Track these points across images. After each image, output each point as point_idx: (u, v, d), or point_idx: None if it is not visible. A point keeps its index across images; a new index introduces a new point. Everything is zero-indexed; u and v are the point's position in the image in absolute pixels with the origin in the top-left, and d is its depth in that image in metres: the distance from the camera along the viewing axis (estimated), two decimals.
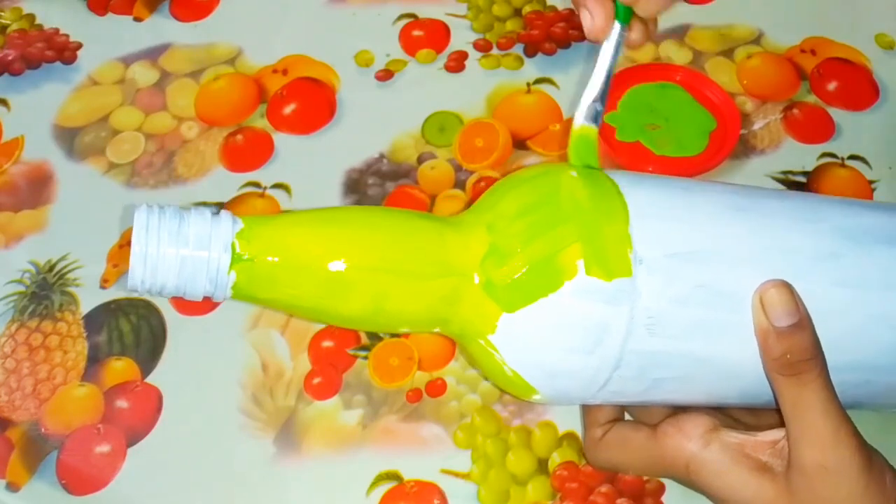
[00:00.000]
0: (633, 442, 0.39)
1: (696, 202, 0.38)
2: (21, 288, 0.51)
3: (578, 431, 0.46)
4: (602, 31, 0.40)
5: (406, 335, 0.48)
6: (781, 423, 0.37)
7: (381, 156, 0.55)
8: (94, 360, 0.48)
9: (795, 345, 0.35)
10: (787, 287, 0.35)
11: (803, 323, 0.35)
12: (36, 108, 0.58)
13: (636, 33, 0.42)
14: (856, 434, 0.36)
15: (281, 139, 0.56)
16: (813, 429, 0.35)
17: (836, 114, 0.56)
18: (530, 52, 0.59)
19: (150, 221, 0.34)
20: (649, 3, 0.40)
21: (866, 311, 0.37)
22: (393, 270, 0.35)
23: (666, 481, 0.44)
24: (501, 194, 0.38)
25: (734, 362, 0.36)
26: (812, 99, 0.57)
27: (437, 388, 0.47)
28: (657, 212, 0.36)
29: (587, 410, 0.42)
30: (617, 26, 0.40)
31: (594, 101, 0.40)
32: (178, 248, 0.34)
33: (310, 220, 0.37)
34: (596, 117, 0.40)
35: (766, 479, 0.36)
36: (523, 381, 0.37)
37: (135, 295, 0.50)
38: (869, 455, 0.36)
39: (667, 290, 0.35)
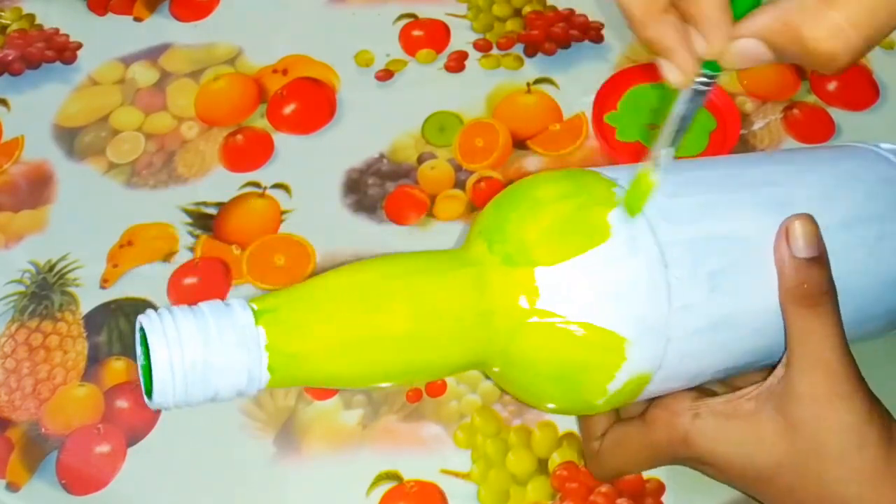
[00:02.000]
0: (628, 439, 0.40)
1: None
2: (21, 288, 0.51)
3: (578, 431, 0.46)
4: (690, 81, 0.35)
5: None
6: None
7: (381, 156, 0.55)
8: (94, 359, 0.48)
9: (813, 277, 0.36)
10: (812, 221, 0.36)
11: (822, 258, 0.36)
12: (36, 108, 0.58)
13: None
14: (859, 371, 0.36)
15: (281, 139, 0.56)
16: (824, 358, 0.35)
17: (836, 114, 0.56)
18: (530, 52, 0.59)
19: (169, 339, 0.31)
20: (735, 58, 0.34)
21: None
22: (421, 332, 0.34)
23: (666, 481, 0.44)
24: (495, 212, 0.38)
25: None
26: (812, 99, 0.57)
27: (437, 388, 0.47)
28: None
29: (583, 425, 0.42)
30: (703, 73, 0.35)
31: (666, 151, 0.36)
32: (207, 360, 0.31)
33: (324, 293, 0.34)
34: (659, 162, 0.36)
35: (762, 423, 0.36)
36: (599, 329, 0.35)
37: (135, 295, 0.50)
38: (869, 390, 0.36)
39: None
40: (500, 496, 0.44)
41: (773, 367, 0.38)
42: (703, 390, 0.39)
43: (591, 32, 0.60)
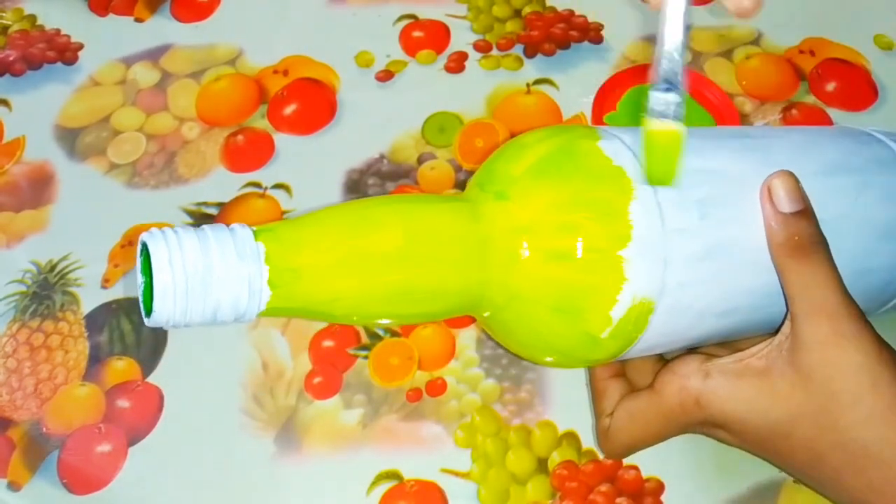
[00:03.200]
0: (639, 411, 0.39)
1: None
2: (22, 288, 0.51)
3: (578, 431, 0.46)
4: None
5: (407, 330, 0.48)
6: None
7: (382, 156, 0.55)
8: (96, 359, 0.49)
9: (802, 228, 0.36)
10: (792, 176, 0.37)
11: (808, 210, 0.36)
12: (37, 109, 0.58)
13: None
14: (864, 314, 0.36)
15: (281, 139, 0.56)
16: (826, 302, 0.35)
17: (835, 114, 0.56)
18: (530, 52, 0.59)
19: (171, 248, 0.32)
20: None
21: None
22: (415, 251, 0.35)
23: (666, 481, 0.44)
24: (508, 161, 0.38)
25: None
26: (811, 99, 0.57)
27: (437, 387, 0.47)
28: None
29: (595, 403, 0.42)
30: None
31: (675, 59, 0.35)
32: (208, 266, 0.32)
33: (322, 216, 0.35)
34: (673, 78, 0.36)
35: (774, 378, 0.36)
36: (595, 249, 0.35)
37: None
38: (875, 331, 0.36)
39: None
40: (500, 495, 0.44)
41: (775, 331, 0.37)
42: (710, 354, 0.39)
43: (591, 33, 0.60)
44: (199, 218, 0.53)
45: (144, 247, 0.33)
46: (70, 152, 0.56)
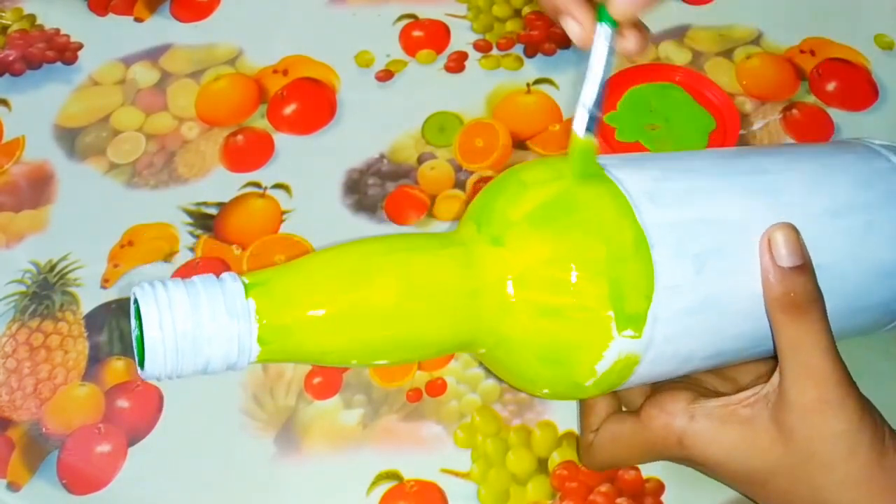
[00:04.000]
0: (623, 435, 0.40)
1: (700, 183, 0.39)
2: (22, 288, 0.51)
3: (578, 431, 0.46)
4: (590, 36, 0.38)
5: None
6: (752, 384, 0.38)
7: (382, 156, 0.55)
8: (95, 359, 0.48)
9: (799, 285, 0.36)
10: (794, 230, 0.36)
11: (806, 266, 0.36)
12: (37, 109, 0.58)
13: (630, 41, 0.39)
14: (850, 376, 0.36)
15: (281, 139, 0.56)
16: (814, 366, 0.36)
17: (836, 114, 0.56)
18: (530, 52, 0.59)
19: (161, 307, 0.32)
20: (620, 4, 0.37)
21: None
22: (409, 305, 0.35)
23: (666, 481, 0.44)
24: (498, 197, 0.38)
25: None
26: (811, 99, 0.57)
27: (437, 387, 0.47)
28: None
29: (582, 416, 0.42)
30: (603, 29, 0.37)
31: (590, 109, 0.37)
32: (198, 326, 0.32)
33: (314, 267, 0.35)
34: (592, 125, 0.38)
35: (757, 431, 0.37)
36: (585, 306, 0.35)
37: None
38: (861, 395, 0.36)
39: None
40: (500, 495, 0.44)
41: (765, 356, 0.38)
42: (699, 391, 0.39)
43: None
44: (199, 217, 0.53)
45: (136, 300, 0.33)
46: (69, 152, 0.56)
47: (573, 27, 0.38)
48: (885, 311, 0.42)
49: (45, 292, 0.51)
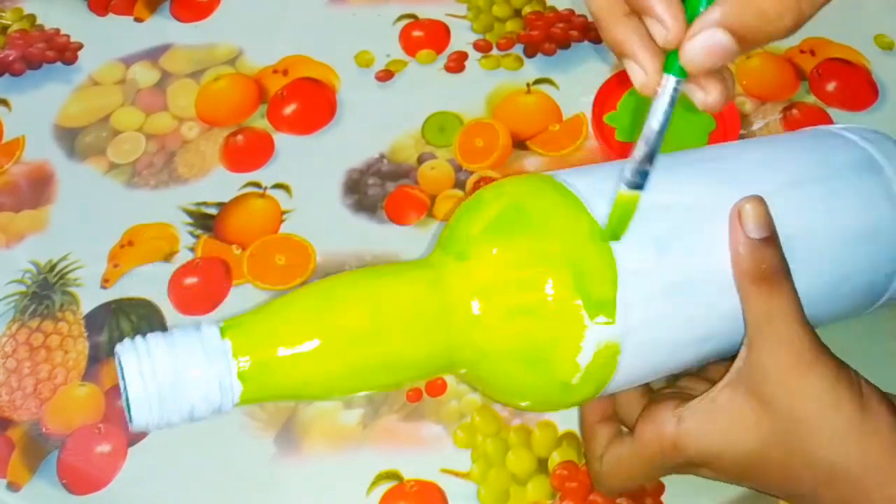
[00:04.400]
0: (625, 458, 0.40)
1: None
2: (22, 288, 0.51)
3: (578, 431, 0.46)
4: (655, 85, 0.34)
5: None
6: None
7: (382, 156, 0.55)
8: (95, 359, 0.48)
9: (769, 257, 0.36)
10: (762, 202, 0.37)
11: (773, 237, 0.37)
12: (37, 109, 0.58)
13: (712, 94, 0.34)
14: (820, 339, 0.37)
15: (281, 139, 0.56)
16: (786, 333, 0.36)
17: (836, 114, 0.56)
18: (530, 52, 0.59)
19: (140, 358, 0.33)
20: (693, 53, 0.32)
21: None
22: (382, 329, 0.36)
23: (666, 481, 0.44)
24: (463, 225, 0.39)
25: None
26: (811, 99, 0.57)
27: (437, 387, 0.47)
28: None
29: (585, 445, 0.42)
30: (669, 80, 0.33)
31: (641, 163, 0.34)
32: (181, 403, 0.33)
33: (286, 302, 0.36)
34: (641, 181, 0.35)
35: (739, 409, 0.37)
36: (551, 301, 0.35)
37: (135, 295, 0.50)
38: (832, 354, 0.37)
39: None
40: (500, 495, 0.44)
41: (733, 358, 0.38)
42: (684, 396, 0.39)
43: (591, 33, 0.60)
44: (199, 217, 0.53)
45: (119, 363, 0.34)
46: (69, 152, 0.56)
47: (637, 73, 0.34)
48: (869, 283, 0.42)
49: (45, 292, 0.51)
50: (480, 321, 0.36)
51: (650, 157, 0.34)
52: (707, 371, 0.42)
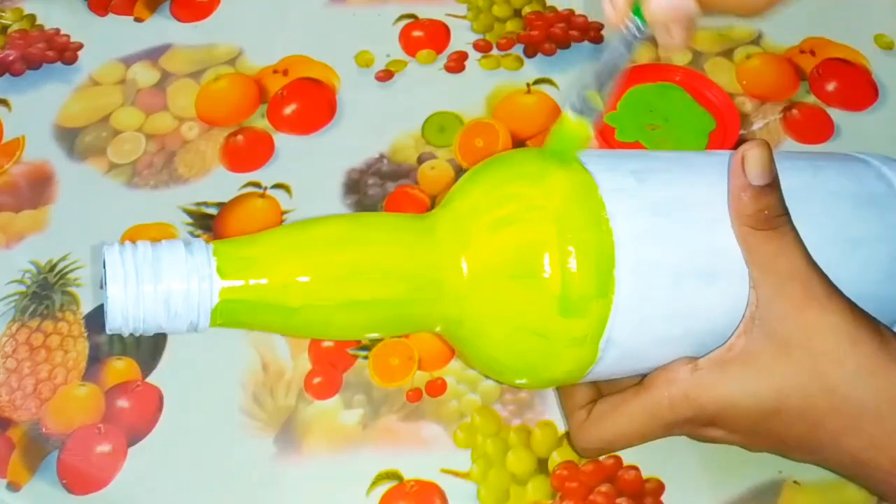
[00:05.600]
0: (624, 404, 0.38)
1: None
2: (22, 288, 0.51)
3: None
4: (619, 22, 0.39)
5: (406, 335, 0.48)
6: None
7: (382, 156, 0.55)
8: (95, 359, 0.48)
9: (771, 202, 0.36)
10: (767, 147, 0.36)
11: (776, 183, 0.36)
12: (37, 109, 0.58)
13: (676, 38, 0.39)
14: (830, 280, 0.36)
15: (281, 139, 0.56)
16: (796, 269, 0.36)
17: (836, 114, 0.56)
18: (530, 52, 0.59)
19: (124, 260, 0.34)
20: (656, 5, 0.38)
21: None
22: (362, 236, 0.37)
23: (665, 480, 0.44)
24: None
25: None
26: (811, 99, 0.57)
27: (437, 387, 0.47)
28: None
29: (565, 398, 0.41)
30: (632, 21, 0.38)
31: (586, 87, 0.38)
32: (158, 284, 0.34)
33: (282, 236, 0.37)
34: (583, 107, 0.38)
35: (755, 354, 0.36)
36: (540, 153, 0.38)
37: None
38: (845, 296, 0.36)
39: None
40: (500, 495, 0.44)
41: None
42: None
43: (591, 33, 0.60)
44: (199, 218, 0.53)
45: (104, 259, 0.34)
46: (70, 152, 0.56)
47: (608, 8, 0.39)
48: (890, 257, 0.40)
49: (45, 292, 0.51)
50: (467, 240, 0.37)
51: (600, 86, 0.37)
52: None
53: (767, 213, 0.36)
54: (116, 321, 0.34)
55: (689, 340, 0.38)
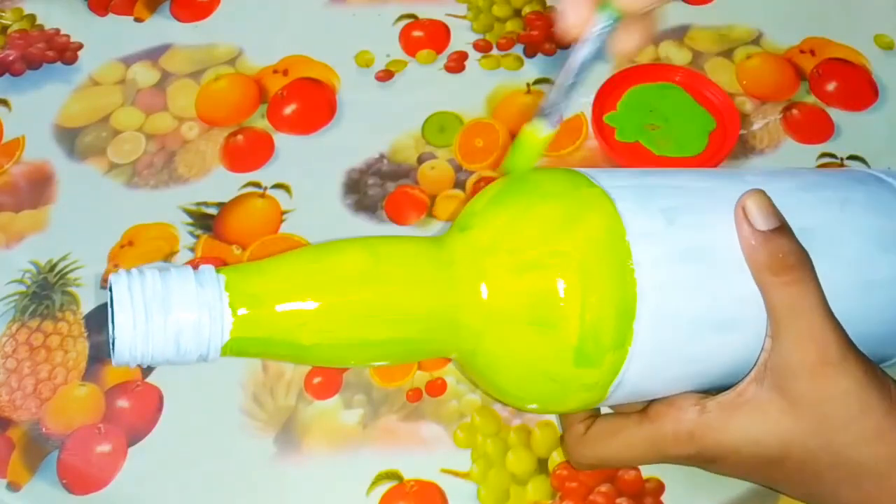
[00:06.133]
0: (626, 430, 0.38)
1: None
2: (22, 288, 0.51)
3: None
4: (584, 23, 0.36)
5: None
6: None
7: (382, 156, 0.55)
8: (95, 359, 0.48)
9: (783, 245, 0.35)
10: (763, 194, 0.36)
11: (785, 227, 0.36)
12: (37, 109, 0.58)
13: (633, 41, 0.37)
14: (847, 335, 0.36)
15: (281, 139, 0.56)
16: (812, 327, 0.35)
17: (836, 114, 0.56)
18: (530, 52, 0.59)
19: (132, 294, 0.32)
20: None
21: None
22: (379, 272, 0.35)
23: (666, 480, 0.44)
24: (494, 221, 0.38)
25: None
26: (811, 99, 0.57)
27: (437, 387, 0.47)
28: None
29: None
30: (602, 19, 0.36)
31: (555, 103, 0.36)
32: (168, 320, 0.32)
33: (296, 268, 0.35)
34: (551, 116, 0.37)
35: (764, 405, 0.36)
36: (568, 186, 0.36)
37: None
38: (860, 352, 0.36)
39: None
40: (500, 495, 0.44)
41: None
42: (700, 393, 0.39)
43: None
44: (199, 217, 0.53)
45: (110, 289, 0.33)
46: (70, 152, 0.56)
47: (569, 13, 0.36)
48: None
49: (45, 292, 0.51)
50: (485, 280, 0.35)
51: (564, 98, 0.36)
52: None
53: (782, 257, 0.35)
54: (124, 357, 0.33)
55: (698, 381, 0.38)
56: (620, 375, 0.36)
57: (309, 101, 0.57)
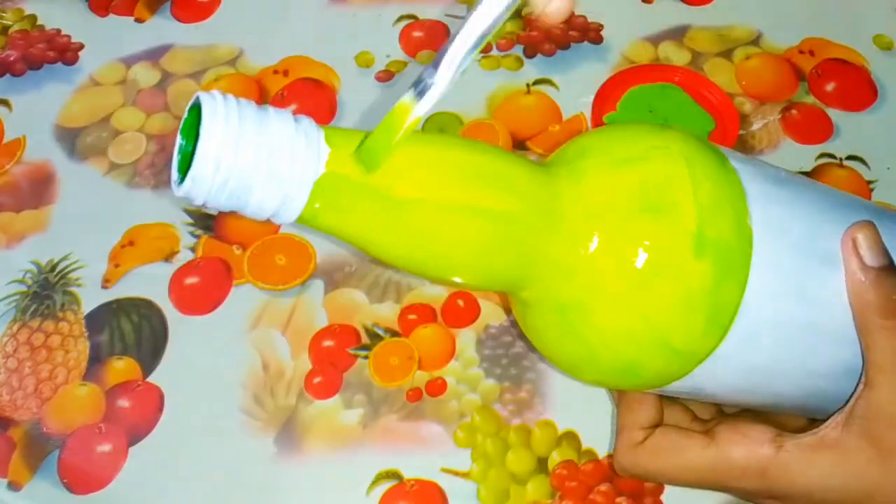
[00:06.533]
0: (688, 450, 0.36)
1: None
2: (23, 288, 0.51)
3: (578, 430, 0.46)
4: None
5: (408, 330, 0.48)
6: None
7: None
8: (96, 359, 0.49)
9: (894, 286, 0.33)
10: (874, 227, 0.34)
11: (893, 265, 0.33)
12: (38, 109, 0.58)
13: (554, 3, 0.33)
14: None
15: None
16: None
17: (835, 114, 0.56)
18: (530, 53, 0.59)
19: (227, 101, 0.28)
20: None
21: None
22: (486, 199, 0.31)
23: None
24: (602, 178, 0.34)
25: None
26: (810, 99, 0.57)
27: (437, 387, 0.47)
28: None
29: (626, 410, 0.37)
30: None
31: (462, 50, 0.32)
32: (263, 132, 0.28)
33: (404, 140, 0.32)
34: (423, 88, 0.33)
35: (850, 452, 0.34)
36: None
37: (136, 295, 0.50)
38: None
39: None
40: (500, 495, 0.44)
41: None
42: (782, 425, 0.36)
43: (591, 33, 0.60)
44: (200, 218, 0.53)
45: (194, 106, 0.29)
46: (70, 152, 0.56)
47: None
48: None
49: (46, 292, 0.51)
50: (584, 179, 0.33)
51: (462, 57, 0.32)
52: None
53: (894, 300, 0.33)
54: (207, 166, 0.28)
55: (784, 388, 0.36)
56: (735, 324, 0.32)
57: (309, 101, 0.57)
